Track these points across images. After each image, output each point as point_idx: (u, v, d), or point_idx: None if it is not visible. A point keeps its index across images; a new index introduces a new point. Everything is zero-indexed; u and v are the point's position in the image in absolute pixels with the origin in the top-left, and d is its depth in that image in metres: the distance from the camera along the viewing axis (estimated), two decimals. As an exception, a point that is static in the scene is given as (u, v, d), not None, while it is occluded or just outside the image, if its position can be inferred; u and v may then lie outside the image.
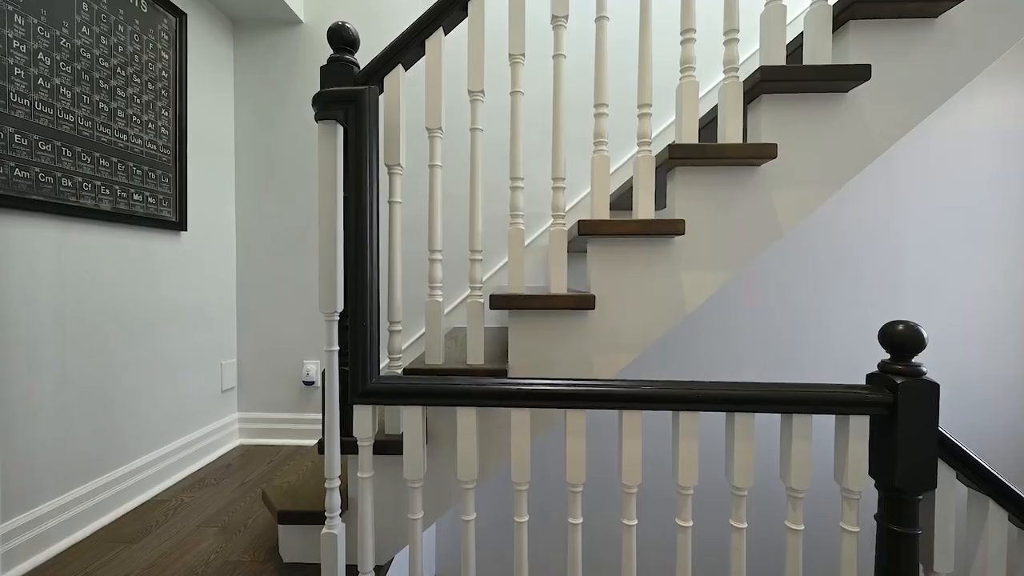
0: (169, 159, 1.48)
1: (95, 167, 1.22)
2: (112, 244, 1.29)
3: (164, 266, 1.49)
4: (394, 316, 1.00)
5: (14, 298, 1.05)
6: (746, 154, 0.92)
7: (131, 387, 1.37)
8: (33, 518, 1.07)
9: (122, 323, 1.33)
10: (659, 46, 1.78)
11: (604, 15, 0.96)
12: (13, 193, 1.02)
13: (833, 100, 0.96)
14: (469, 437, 0.85)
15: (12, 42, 1.02)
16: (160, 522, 1.27)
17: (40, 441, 1.10)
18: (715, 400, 0.80)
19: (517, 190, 0.98)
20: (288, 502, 1.04)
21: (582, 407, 0.81)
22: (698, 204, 0.97)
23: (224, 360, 1.83)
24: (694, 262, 0.98)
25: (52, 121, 1.11)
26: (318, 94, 0.86)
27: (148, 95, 1.40)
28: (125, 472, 1.33)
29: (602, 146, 0.97)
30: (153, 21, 1.42)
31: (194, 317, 1.65)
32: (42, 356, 1.11)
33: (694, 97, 0.95)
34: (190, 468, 1.59)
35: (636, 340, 0.98)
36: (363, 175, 0.84)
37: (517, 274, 0.98)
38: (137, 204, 1.36)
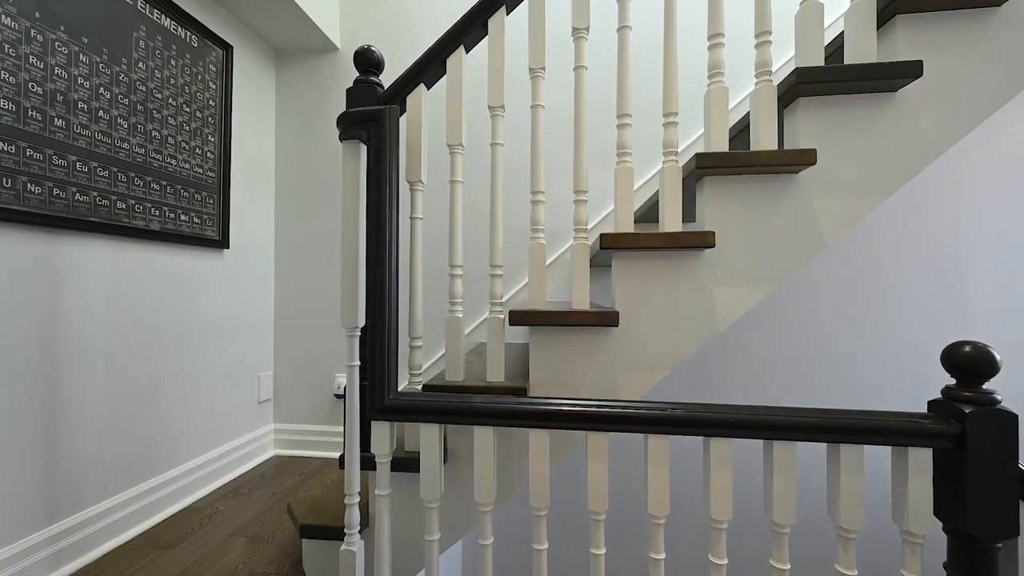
0: (214, 181, 1.58)
1: (147, 190, 1.31)
2: (160, 262, 1.38)
3: (207, 282, 1.57)
4: (415, 332, 1.00)
5: (71, 312, 1.13)
6: (781, 161, 0.86)
7: (173, 397, 1.44)
8: (79, 521, 1.13)
9: (167, 336, 1.41)
10: (687, 53, 1.75)
11: (627, 24, 0.94)
12: (74, 216, 1.11)
13: (880, 101, 0.89)
14: (487, 457, 0.82)
15: (77, 79, 1.12)
16: (195, 529, 1.31)
17: (88, 448, 1.17)
18: (750, 426, 0.73)
19: (538, 204, 0.96)
20: (310, 516, 1.04)
21: (604, 430, 0.77)
22: (730, 215, 0.92)
23: (261, 373, 1.90)
24: (727, 276, 0.92)
25: (110, 149, 1.20)
26: (342, 114, 0.89)
27: (196, 122, 1.50)
28: (165, 479, 1.39)
29: (625, 157, 0.93)
30: (203, 54, 1.53)
31: (234, 331, 1.72)
32: (93, 367, 1.18)
33: (723, 103, 0.90)
34: (226, 477, 1.65)
35: (664, 359, 0.93)
36: (383, 191, 0.85)
37: (538, 289, 0.95)
38: (184, 224, 1.45)
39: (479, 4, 0.95)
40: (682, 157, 1.75)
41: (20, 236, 1.02)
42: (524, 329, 1.83)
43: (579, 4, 0.94)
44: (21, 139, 1.00)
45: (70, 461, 1.12)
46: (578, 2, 0.94)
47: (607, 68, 1.76)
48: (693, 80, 1.75)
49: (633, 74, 1.78)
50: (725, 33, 0.90)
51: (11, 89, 0.98)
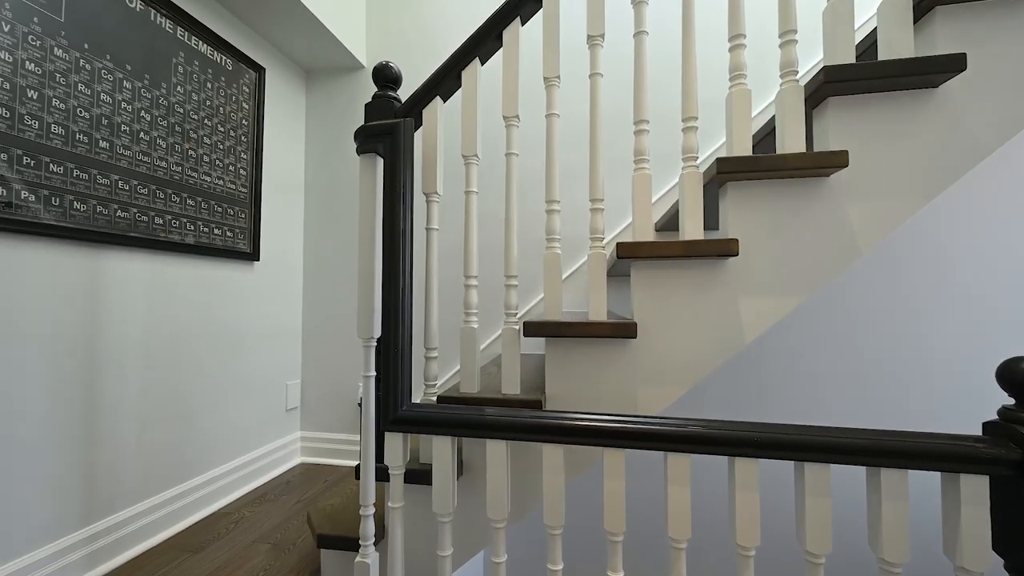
0: (246, 196, 1.65)
1: (182, 206, 1.38)
2: (194, 274, 1.44)
3: (238, 293, 1.63)
4: (430, 342, 1.00)
5: (110, 322, 1.19)
6: (810, 164, 0.81)
7: (205, 404, 1.49)
8: (114, 523, 1.18)
9: (200, 344, 1.47)
10: (710, 60, 1.71)
11: (643, 30, 0.92)
12: (115, 231, 1.18)
13: (919, 98, 0.83)
14: (499, 472, 0.80)
15: (120, 103, 1.19)
16: (222, 534, 1.34)
17: (124, 452, 1.22)
18: (780, 446, 0.69)
19: (553, 213, 0.95)
20: (328, 525, 1.05)
21: (620, 446, 0.74)
22: (754, 222, 0.87)
23: (289, 381, 1.95)
24: (753, 286, 0.87)
25: (150, 168, 1.27)
26: (359, 129, 0.91)
27: (230, 141, 1.57)
28: (196, 484, 1.44)
29: (643, 164, 0.91)
30: (236, 77, 1.61)
31: (263, 340, 1.78)
32: (130, 374, 1.24)
33: (746, 105, 0.87)
34: (254, 483, 1.69)
35: (686, 372, 0.89)
36: (397, 202, 0.86)
37: (553, 299, 0.93)
38: (217, 237, 1.51)
39: (493, 16, 0.96)
40: (704, 166, 1.70)
41: (66, 251, 1.09)
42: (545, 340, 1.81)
43: (594, 11, 0.93)
44: (69, 160, 1.07)
45: (107, 465, 1.18)
46: (593, 10, 0.93)
47: (629, 74, 1.74)
48: (714, 84, 1.70)
49: (653, 80, 1.75)
50: (747, 35, 0.87)
51: (61, 115, 1.06)
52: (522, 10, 0.96)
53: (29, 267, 1.02)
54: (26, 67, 0.99)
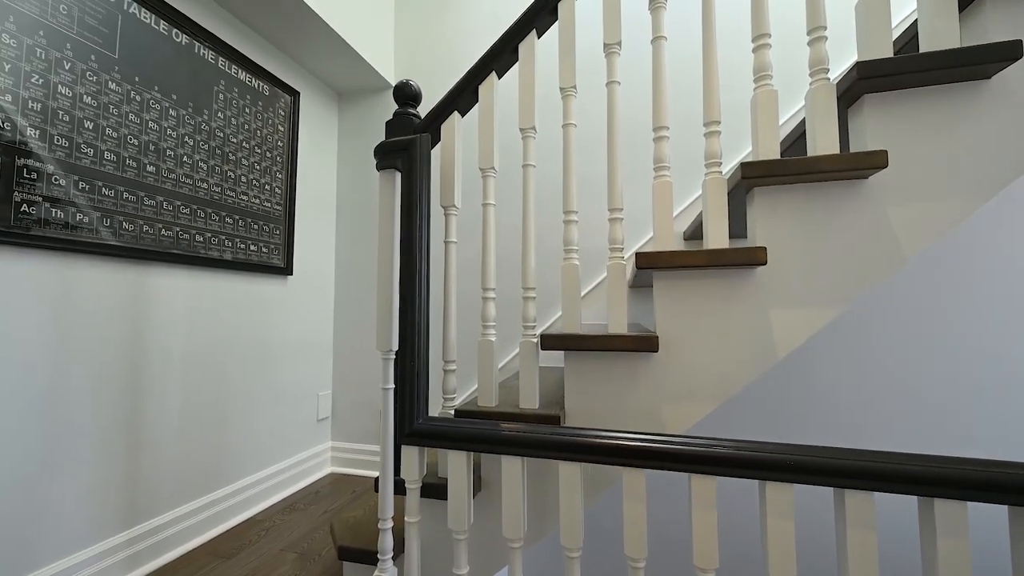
0: (280, 214, 1.72)
1: (221, 224, 1.46)
2: (231, 288, 1.51)
3: (272, 306, 1.70)
4: (448, 355, 0.99)
5: (153, 334, 1.26)
6: (844, 166, 0.76)
7: (240, 413, 1.55)
8: (154, 526, 1.23)
9: (235, 355, 1.53)
10: (735, 60, 1.65)
11: (661, 35, 0.90)
12: (160, 249, 1.26)
13: (969, 91, 0.76)
14: (515, 489, 0.78)
15: (166, 130, 1.28)
16: (253, 542, 1.38)
17: (164, 458, 1.28)
18: (817, 470, 0.63)
19: (571, 224, 0.93)
20: (349, 537, 1.05)
21: (640, 466, 0.70)
22: (785, 229, 0.82)
23: (320, 392, 2.00)
24: (784, 297, 0.82)
25: (192, 189, 1.36)
26: (378, 146, 0.93)
27: (266, 161, 1.66)
28: (231, 491, 1.49)
29: (663, 171, 0.88)
30: (273, 101, 1.70)
31: (296, 351, 1.84)
32: (171, 384, 1.31)
33: (772, 107, 0.83)
34: (285, 492, 1.73)
35: (713, 389, 0.84)
36: (413, 216, 0.87)
37: (571, 311, 0.91)
38: (253, 253, 1.58)
39: (509, 30, 0.97)
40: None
41: (115, 267, 1.17)
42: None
43: (610, 19, 0.92)
44: (119, 184, 1.16)
45: (147, 471, 1.24)
46: (609, 18, 0.92)
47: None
48: (738, 89, 1.64)
49: (680, 85, 1.71)
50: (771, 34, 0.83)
51: (113, 142, 1.14)
52: (538, 23, 0.96)
53: (84, 283, 1.10)
54: (84, 100, 1.08)
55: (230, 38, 1.52)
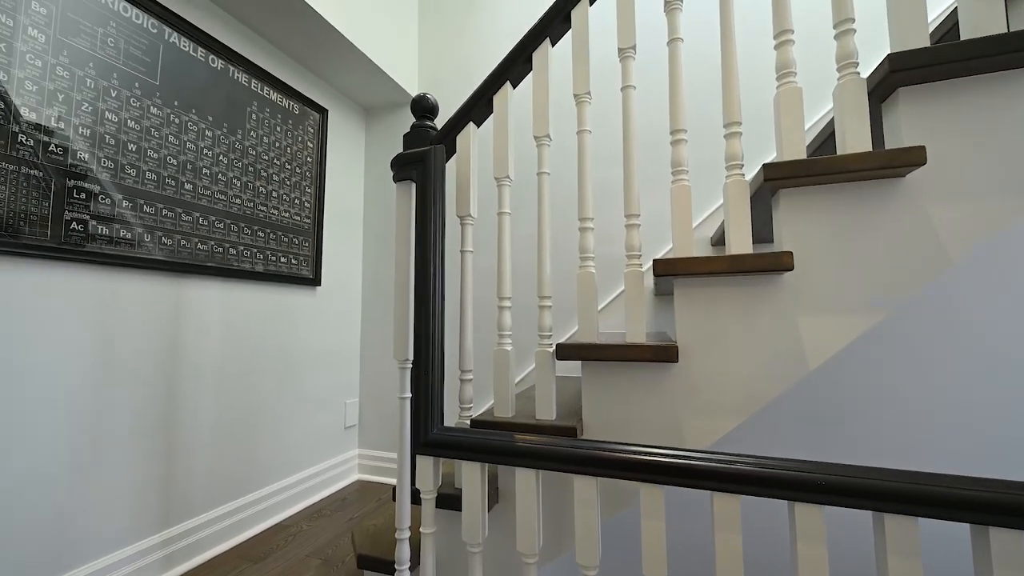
0: (309, 227, 1.78)
1: (253, 237, 1.52)
2: (262, 298, 1.58)
3: (301, 316, 1.76)
4: (465, 364, 0.99)
5: (188, 343, 1.32)
6: (876, 164, 0.71)
7: (270, 419, 1.60)
8: (187, 528, 1.28)
9: (265, 364, 1.59)
10: (757, 60, 1.60)
11: (677, 37, 0.88)
12: (196, 262, 1.33)
13: (1018, 79, 0.70)
14: (529, 502, 0.76)
15: (203, 150, 1.35)
16: (280, 546, 1.41)
17: (198, 463, 1.34)
18: (853, 492, 0.59)
19: (587, 231, 0.91)
20: (368, 546, 1.06)
21: (658, 482, 0.67)
22: (813, 233, 0.78)
23: (348, 400, 2.04)
24: (814, 304, 0.77)
25: (226, 204, 1.43)
26: (394, 159, 0.95)
27: (296, 177, 1.72)
28: (261, 495, 1.53)
29: (682, 175, 0.86)
30: (303, 119, 1.77)
31: (324, 360, 1.89)
32: (205, 391, 1.37)
33: (796, 105, 0.79)
34: (313, 498, 1.77)
35: (738, 401, 0.80)
36: (428, 226, 0.87)
37: (588, 320, 0.89)
38: (283, 265, 1.65)
39: (523, 40, 0.97)
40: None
41: (155, 280, 1.23)
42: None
43: (624, 24, 0.91)
44: (159, 201, 1.23)
45: (182, 475, 1.29)
46: (623, 22, 0.91)
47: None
48: (764, 90, 1.58)
49: (699, 90, 1.66)
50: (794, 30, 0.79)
51: (155, 163, 1.22)
52: (551, 31, 0.96)
53: (126, 295, 1.17)
54: (128, 125, 1.16)
55: (262, 61, 1.60)
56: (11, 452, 0.96)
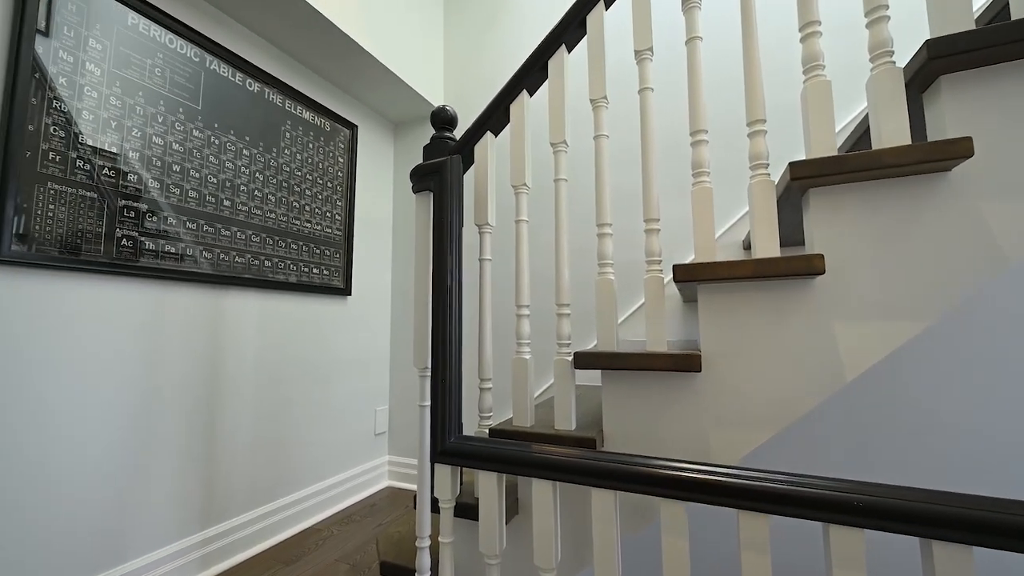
0: (340, 238, 1.85)
1: (287, 250, 1.59)
2: (295, 308, 1.64)
3: (332, 325, 1.82)
4: (484, 373, 0.99)
5: (227, 352, 1.39)
6: (917, 158, 0.66)
7: (303, 426, 1.66)
8: (225, 529, 1.34)
9: (299, 371, 1.65)
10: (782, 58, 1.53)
11: (696, 35, 0.86)
12: (233, 274, 1.40)
13: (1081, 59, 0.64)
14: (546, 515, 0.74)
15: (240, 168, 1.43)
16: (311, 550, 1.44)
17: (236, 466, 1.40)
18: (894, 515, 0.54)
19: (605, 237, 0.90)
20: (391, 553, 1.07)
21: (678, 497, 0.64)
22: (847, 234, 0.73)
23: (378, 407, 2.09)
24: (851, 309, 0.72)
25: (262, 219, 1.50)
26: (412, 170, 0.96)
27: (327, 191, 1.79)
28: (295, 499, 1.58)
29: (703, 177, 0.83)
30: (334, 135, 1.84)
31: (354, 368, 1.94)
32: (242, 397, 1.43)
33: (825, 99, 0.74)
34: (344, 503, 1.81)
35: (767, 414, 0.75)
36: (444, 234, 0.88)
37: (606, 328, 0.87)
38: (315, 276, 1.71)
39: (539, 48, 0.97)
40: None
41: (197, 292, 1.31)
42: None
43: (641, 25, 0.90)
44: (201, 218, 1.31)
45: (221, 478, 1.35)
46: (639, 24, 0.90)
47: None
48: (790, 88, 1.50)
49: (727, 91, 1.61)
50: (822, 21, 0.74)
51: (196, 182, 1.30)
52: (566, 38, 0.96)
53: (170, 307, 1.24)
54: (172, 147, 1.24)
55: (296, 82, 1.69)
56: (71, 451, 1.04)
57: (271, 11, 1.42)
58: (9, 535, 0.94)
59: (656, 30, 1.71)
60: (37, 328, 1.00)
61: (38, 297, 1.01)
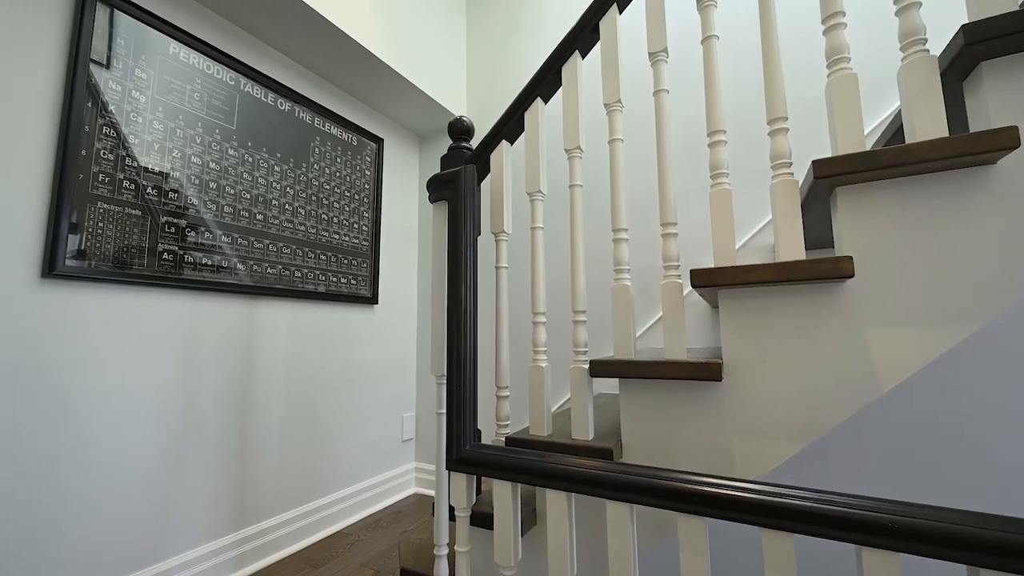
0: (367, 249, 1.90)
1: (316, 260, 1.65)
2: (324, 317, 1.70)
3: (360, 333, 1.86)
4: (501, 381, 0.98)
5: (259, 359, 1.45)
6: (956, 151, 0.62)
7: (332, 431, 1.70)
8: (259, 530, 1.39)
9: (327, 378, 1.70)
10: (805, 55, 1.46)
11: (712, 34, 0.84)
12: (265, 284, 1.46)
13: None
14: (561, 526, 0.73)
15: (272, 183, 1.51)
16: (339, 553, 1.47)
17: (267, 469, 1.45)
18: (935, 539, 0.49)
19: (621, 242, 0.88)
20: (412, 560, 1.07)
21: (696, 512, 0.61)
22: (880, 233, 0.68)
23: (405, 413, 2.12)
24: (886, 314, 0.67)
25: (292, 232, 1.57)
26: (428, 181, 0.98)
27: (355, 203, 1.85)
28: (323, 503, 1.62)
29: (721, 179, 0.80)
30: (361, 149, 1.91)
31: (381, 375, 1.98)
32: (272, 402, 1.49)
33: (852, 93, 0.71)
34: (371, 508, 1.84)
35: (796, 426, 0.71)
36: (458, 243, 0.89)
37: (623, 335, 0.85)
38: (343, 285, 1.76)
39: (552, 55, 0.97)
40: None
41: (232, 302, 1.38)
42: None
43: (655, 27, 0.88)
44: (236, 232, 1.38)
45: (254, 480, 1.41)
46: (653, 26, 0.88)
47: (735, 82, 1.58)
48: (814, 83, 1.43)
49: (747, 88, 1.55)
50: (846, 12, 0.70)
51: (232, 198, 1.38)
52: (579, 44, 0.96)
53: (207, 316, 1.31)
54: (209, 166, 1.32)
55: (324, 99, 1.76)
56: (115, 452, 1.11)
57: (300, 32, 1.49)
58: (55, 531, 1.02)
59: (671, 28, 1.68)
60: (85, 337, 1.08)
61: (87, 308, 1.09)
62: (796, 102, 1.47)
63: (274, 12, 1.38)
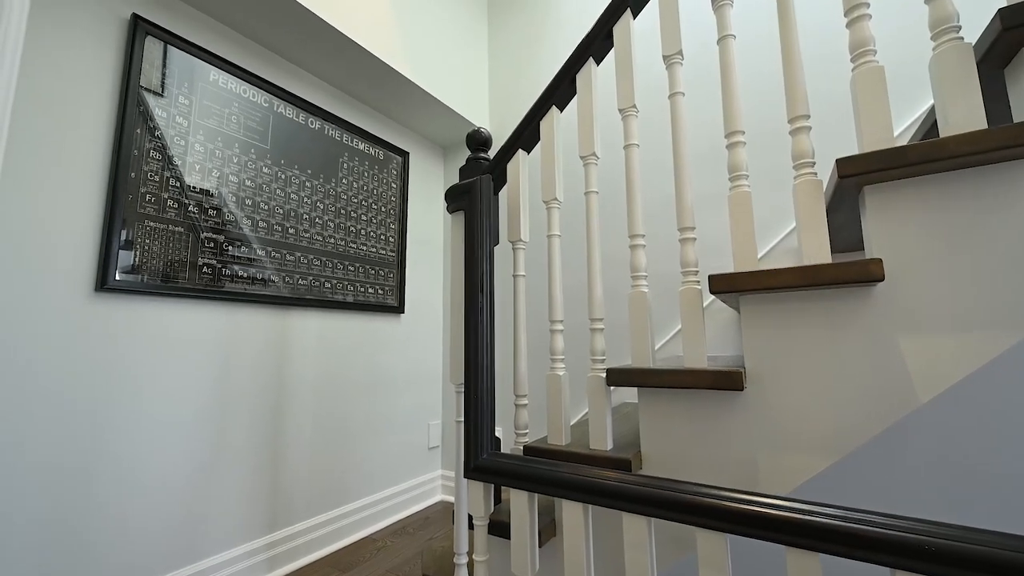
0: (393, 259, 1.95)
1: (344, 271, 1.71)
2: (352, 326, 1.75)
3: (387, 341, 1.91)
4: (519, 389, 0.98)
5: (290, 367, 1.51)
6: (996, 144, 0.57)
7: (360, 438, 1.74)
8: (289, 534, 1.43)
9: (356, 386, 1.74)
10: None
11: (729, 33, 0.82)
12: (297, 295, 1.52)
13: None
14: (577, 537, 0.72)
15: (303, 198, 1.58)
16: (366, 558, 1.50)
17: (298, 475, 1.50)
18: (982, 566, 0.45)
19: (637, 248, 0.87)
20: (434, 567, 1.08)
21: (716, 528, 0.59)
22: (913, 234, 0.64)
23: (431, 421, 2.14)
24: (922, 321, 0.63)
25: (322, 244, 1.63)
26: (446, 192, 1.00)
27: (381, 215, 1.91)
28: (352, 508, 1.66)
29: (740, 181, 0.78)
30: (387, 163, 1.97)
31: (408, 382, 2.01)
32: (304, 409, 1.54)
33: (878, 87, 0.67)
34: (399, 515, 1.86)
35: (825, 439, 0.67)
36: (475, 253, 0.90)
37: (641, 343, 0.83)
38: (370, 295, 1.81)
39: (567, 63, 0.98)
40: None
41: (266, 312, 1.44)
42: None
43: (668, 30, 0.87)
44: (270, 245, 1.45)
45: (285, 485, 1.46)
46: (667, 29, 0.87)
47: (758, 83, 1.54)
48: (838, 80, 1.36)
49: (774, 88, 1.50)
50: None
51: (265, 213, 1.45)
52: (593, 51, 0.96)
53: (242, 326, 1.38)
54: (245, 184, 1.40)
55: (351, 116, 1.83)
56: (154, 455, 1.18)
57: (326, 52, 1.56)
58: (99, 530, 1.09)
59: (685, 28, 1.65)
60: (132, 347, 1.16)
61: (133, 320, 1.17)
62: (818, 100, 1.41)
63: (300, 34, 1.46)
